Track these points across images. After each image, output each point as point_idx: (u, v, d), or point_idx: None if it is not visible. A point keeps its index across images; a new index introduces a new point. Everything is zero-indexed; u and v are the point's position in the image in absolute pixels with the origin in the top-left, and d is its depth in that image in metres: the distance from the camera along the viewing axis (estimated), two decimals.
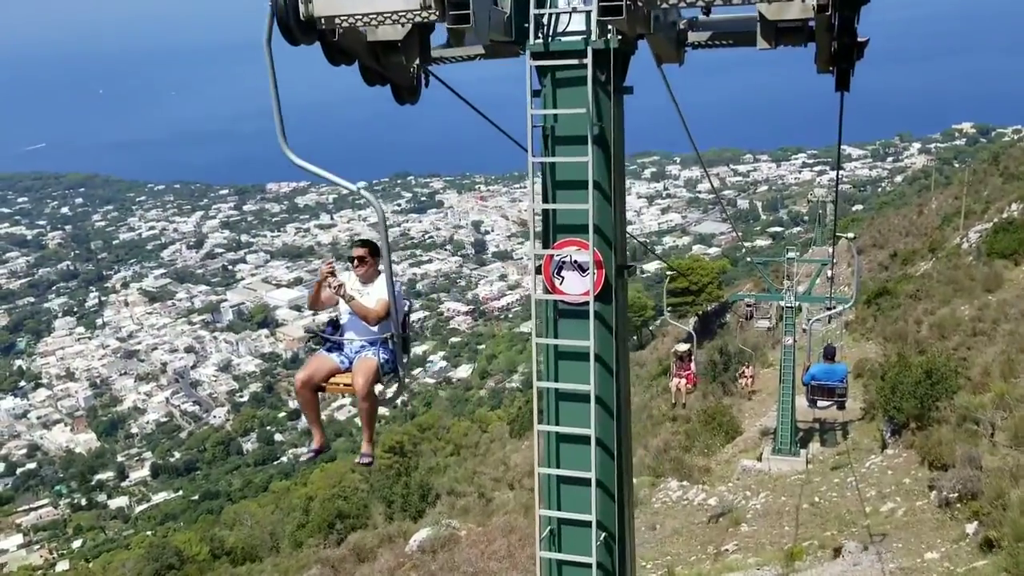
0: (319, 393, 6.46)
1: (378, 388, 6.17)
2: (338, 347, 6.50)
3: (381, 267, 5.92)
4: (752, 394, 28.61)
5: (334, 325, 6.60)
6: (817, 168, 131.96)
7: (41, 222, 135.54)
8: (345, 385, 6.21)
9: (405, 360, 6.27)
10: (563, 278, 5.02)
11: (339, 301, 6.39)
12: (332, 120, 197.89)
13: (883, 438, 19.03)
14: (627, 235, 5.57)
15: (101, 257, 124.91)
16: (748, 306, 36.64)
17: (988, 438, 14.56)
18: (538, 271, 5.10)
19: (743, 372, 29.17)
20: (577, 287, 4.99)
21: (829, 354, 18.05)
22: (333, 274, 6.23)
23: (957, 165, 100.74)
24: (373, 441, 6.54)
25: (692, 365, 19.81)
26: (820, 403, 17.86)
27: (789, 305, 21.48)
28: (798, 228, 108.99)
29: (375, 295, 6.21)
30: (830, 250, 28.92)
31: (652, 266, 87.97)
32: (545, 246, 5.07)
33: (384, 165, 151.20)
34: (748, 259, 66.86)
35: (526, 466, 27.60)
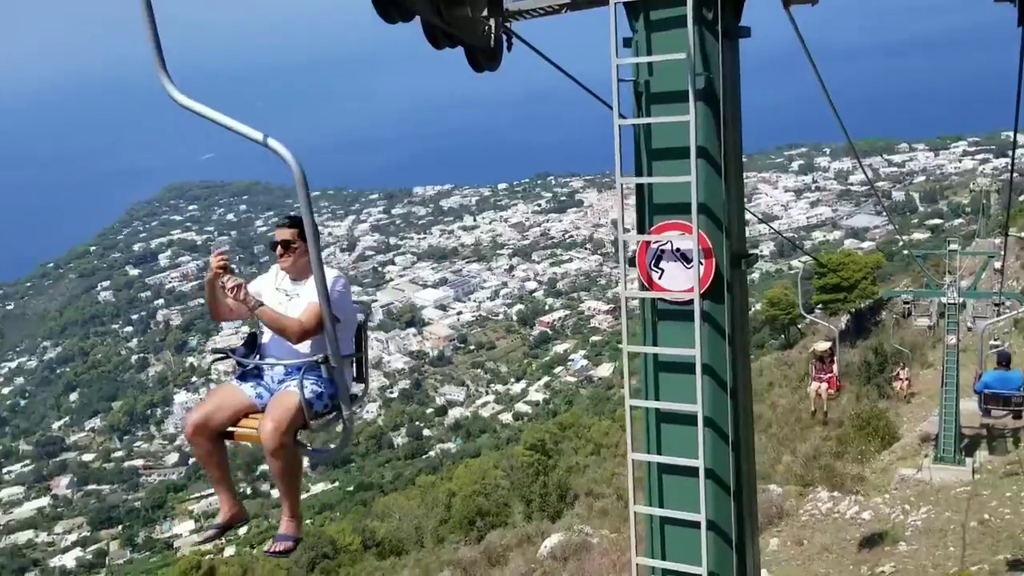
0: (227, 441, 4.39)
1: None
2: (256, 374, 4.56)
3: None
4: (911, 396, 26.63)
5: (249, 343, 4.61)
6: (979, 156, 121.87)
7: (209, 228, 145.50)
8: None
9: (359, 393, 4.50)
10: (662, 271, 4.11)
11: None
12: (478, 123, 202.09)
13: None
14: (773, 231, 4.54)
15: (263, 261, 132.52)
16: (906, 303, 34.18)
17: None
18: (631, 263, 4.19)
19: (898, 374, 27.22)
20: (680, 282, 4.05)
21: (1004, 360, 16.42)
22: (226, 269, 4.18)
23: None
24: (298, 514, 4.40)
25: (835, 367, 17.62)
26: (994, 412, 16.33)
27: (952, 301, 19.77)
28: (959, 220, 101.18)
29: (307, 297, 4.26)
30: (996, 242, 26.40)
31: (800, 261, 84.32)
32: (640, 231, 4.17)
33: (525, 166, 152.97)
34: (905, 253, 62.57)
35: None
